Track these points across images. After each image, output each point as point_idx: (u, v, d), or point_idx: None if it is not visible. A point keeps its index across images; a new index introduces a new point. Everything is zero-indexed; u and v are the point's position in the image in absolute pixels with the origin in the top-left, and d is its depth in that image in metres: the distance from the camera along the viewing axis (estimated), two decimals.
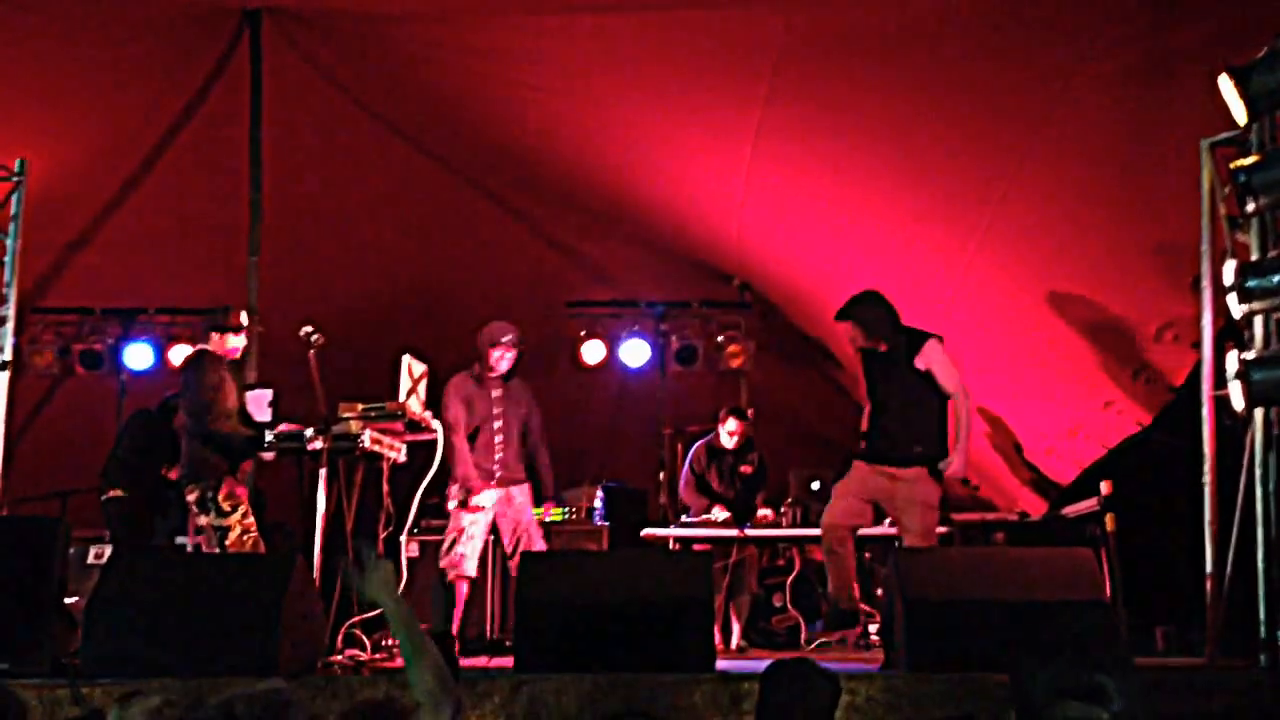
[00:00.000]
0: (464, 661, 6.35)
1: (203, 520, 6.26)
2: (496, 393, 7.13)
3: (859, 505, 6.09)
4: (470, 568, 6.90)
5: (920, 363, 6.03)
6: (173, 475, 7.85)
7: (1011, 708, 2.06)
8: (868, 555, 8.18)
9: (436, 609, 7.28)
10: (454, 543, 6.91)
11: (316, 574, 5.85)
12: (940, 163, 7.29)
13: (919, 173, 7.42)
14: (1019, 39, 6.43)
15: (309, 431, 6.13)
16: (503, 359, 7.10)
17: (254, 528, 6.29)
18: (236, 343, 6.50)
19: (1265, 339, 5.06)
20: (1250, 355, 4.86)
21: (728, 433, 8.18)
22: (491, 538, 7.10)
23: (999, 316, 8.16)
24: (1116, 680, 1.97)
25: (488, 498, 6.93)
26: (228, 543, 6.18)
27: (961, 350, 7.75)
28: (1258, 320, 5.06)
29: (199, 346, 6.62)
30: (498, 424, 7.07)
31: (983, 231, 7.53)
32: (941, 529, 7.50)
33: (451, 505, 6.98)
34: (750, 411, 8.56)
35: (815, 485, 7.96)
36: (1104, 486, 7.42)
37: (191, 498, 6.28)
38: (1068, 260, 7.33)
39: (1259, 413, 5.06)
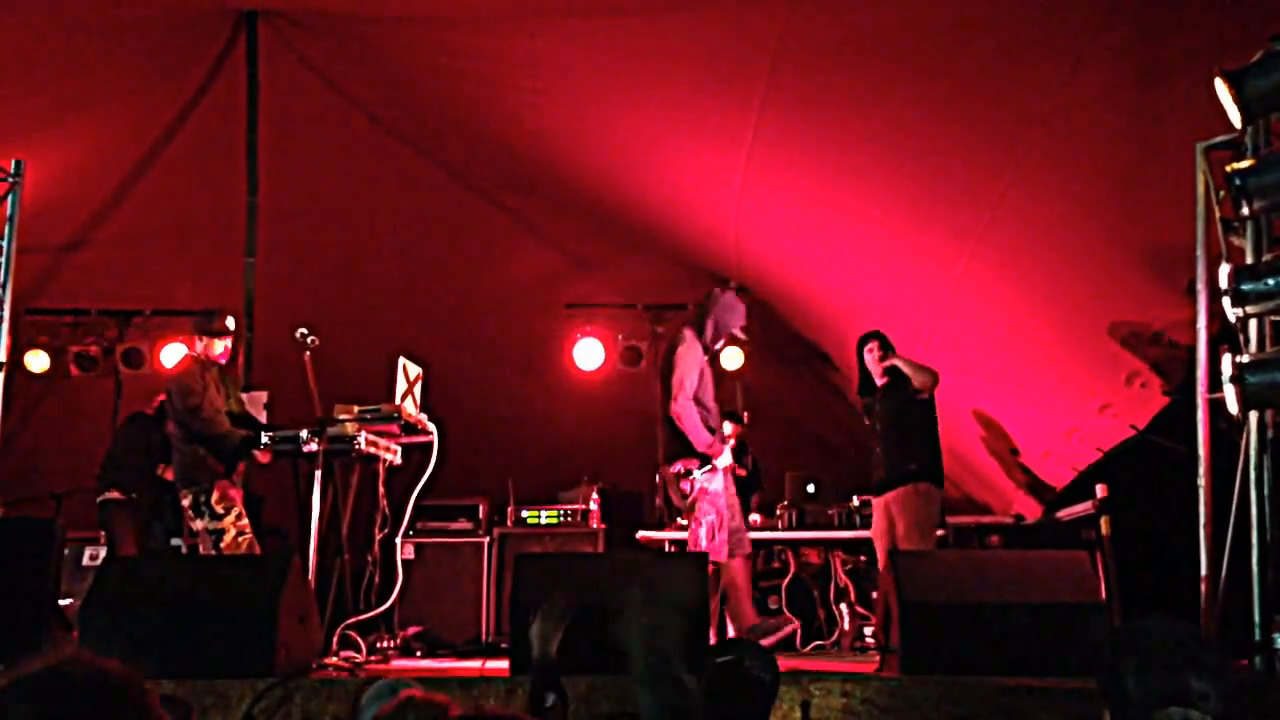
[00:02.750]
0: (460, 664, 6.33)
1: (198, 524, 6.28)
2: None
3: None
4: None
5: None
6: (168, 475, 7.85)
7: (1104, 711, 2.03)
8: (862, 558, 8.18)
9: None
10: (723, 519, 6.29)
11: (312, 576, 5.85)
12: (936, 166, 7.29)
13: (914, 176, 7.43)
14: (1014, 43, 6.43)
15: (304, 433, 6.13)
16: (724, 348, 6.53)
17: (249, 529, 6.31)
18: (222, 345, 6.52)
19: (1260, 342, 5.06)
20: (1245, 359, 4.86)
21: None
22: (488, 539, 6.99)
23: (994, 319, 8.16)
24: (1214, 685, 1.96)
25: (727, 457, 6.43)
26: (223, 545, 6.20)
27: (957, 353, 7.77)
28: (1252, 324, 5.06)
29: (185, 353, 6.66)
30: (710, 400, 6.51)
31: (979, 234, 7.53)
32: (937, 531, 7.53)
33: (694, 481, 6.35)
34: (746, 414, 8.57)
35: (810, 488, 7.96)
36: (1099, 490, 7.44)
37: (185, 502, 6.32)
38: (1063, 263, 7.34)
39: (1253, 416, 5.06)
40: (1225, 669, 1.99)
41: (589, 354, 10.06)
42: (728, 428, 8.18)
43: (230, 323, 6.56)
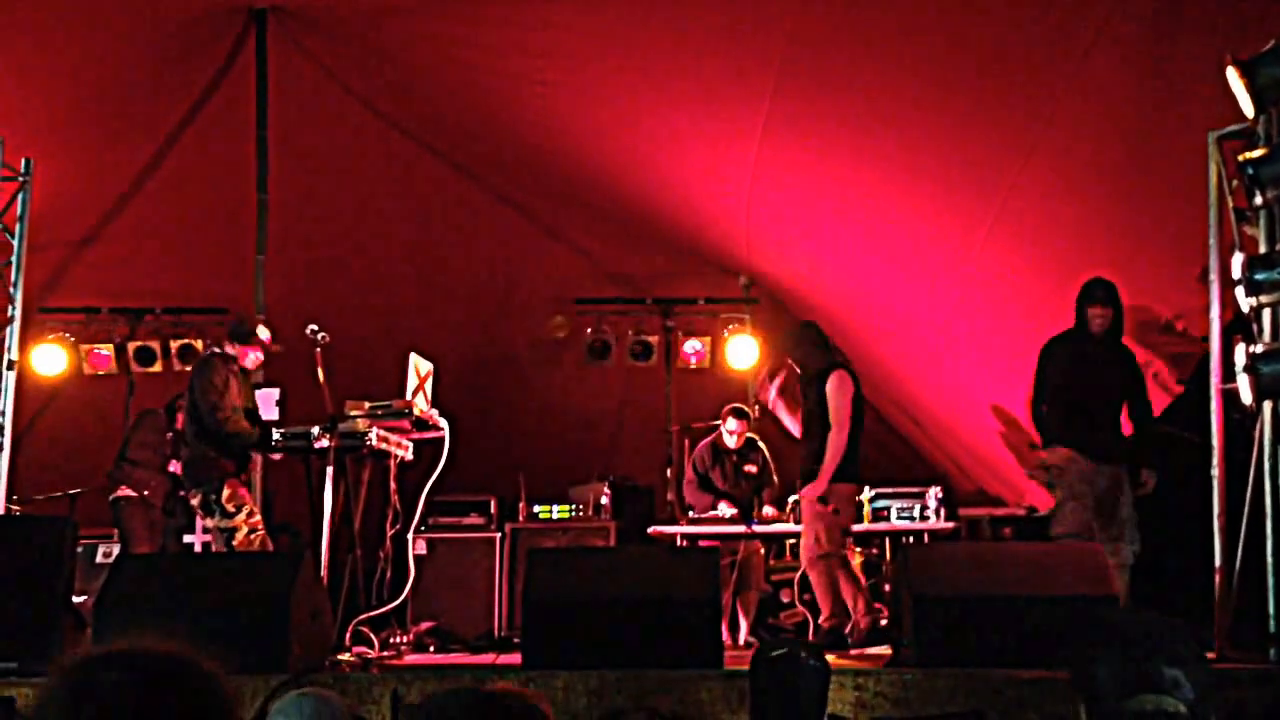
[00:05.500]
0: (471, 659, 6.35)
1: (209, 523, 6.30)
2: None
3: None
4: None
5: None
6: (180, 471, 7.87)
7: (1079, 702, 2.01)
8: (874, 551, 8.17)
9: None
10: None
11: (324, 572, 5.86)
12: (949, 153, 7.26)
13: (927, 164, 7.40)
14: (1029, 30, 6.40)
15: (316, 430, 6.13)
16: None
17: (260, 526, 6.31)
18: (254, 356, 6.55)
19: (1274, 332, 5.03)
20: (1258, 349, 4.83)
21: (729, 432, 8.18)
22: (500, 535, 6.92)
23: (1007, 308, 8.13)
24: (1187, 672, 1.94)
25: None
26: (235, 543, 6.20)
27: (970, 341, 7.75)
28: (1265, 313, 5.04)
29: (212, 349, 6.68)
30: None
31: (991, 223, 7.50)
32: (949, 524, 7.52)
33: None
34: (756, 409, 8.54)
35: None
36: None
37: (195, 501, 6.32)
38: (1075, 252, 7.31)
39: (1267, 406, 5.04)
40: (1198, 657, 1.98)
41: (601, 349, 10.06)
42: (734, 423, 8.17)
43: (264, 333, 6.56)
